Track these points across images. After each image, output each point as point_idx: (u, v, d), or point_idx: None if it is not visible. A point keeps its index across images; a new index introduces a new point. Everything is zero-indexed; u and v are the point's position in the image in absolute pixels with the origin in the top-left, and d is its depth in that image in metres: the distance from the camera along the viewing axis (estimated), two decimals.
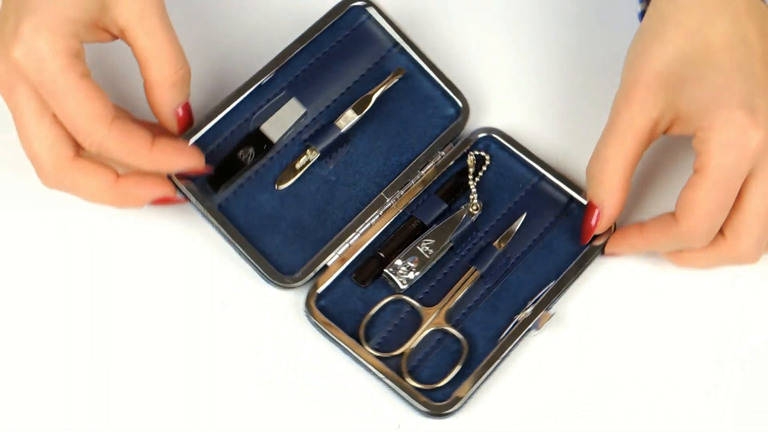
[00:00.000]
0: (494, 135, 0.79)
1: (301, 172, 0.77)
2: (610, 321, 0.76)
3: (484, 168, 0.79)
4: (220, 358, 0.73)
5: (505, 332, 0.74)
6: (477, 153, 0.79)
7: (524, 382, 0.74)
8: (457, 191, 0.78)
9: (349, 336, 0.73)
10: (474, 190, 0.78)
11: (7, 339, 0.73)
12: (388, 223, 0.76)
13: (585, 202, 0.78)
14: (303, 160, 0.77)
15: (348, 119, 0.78)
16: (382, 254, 0.75)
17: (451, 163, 0.78)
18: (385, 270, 0.75)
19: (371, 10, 0.80)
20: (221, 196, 0.75)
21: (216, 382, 0.73)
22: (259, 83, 0.77)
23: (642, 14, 0.77)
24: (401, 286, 0.74)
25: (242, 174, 0.76)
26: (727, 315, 0.77)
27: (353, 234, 0.75)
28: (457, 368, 0.73)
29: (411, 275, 0.74)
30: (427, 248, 0.75)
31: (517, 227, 0.77)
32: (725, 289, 0.77)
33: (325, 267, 0.74)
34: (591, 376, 0.75)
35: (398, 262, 0.74)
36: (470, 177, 0.78)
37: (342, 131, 0.77)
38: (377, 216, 0.76)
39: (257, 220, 0.75)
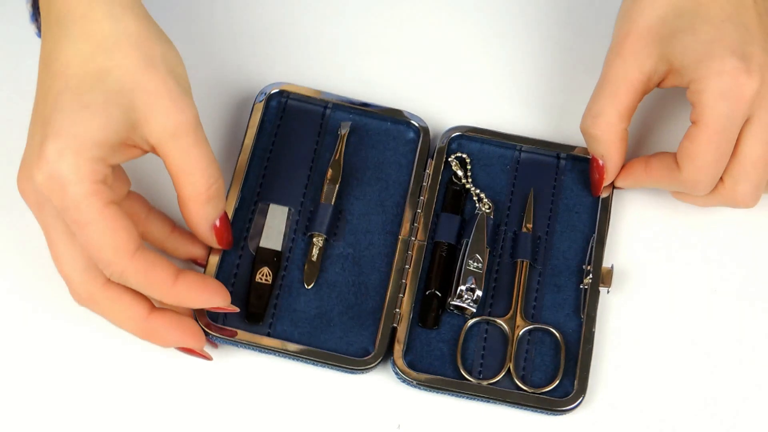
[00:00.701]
0: (459, 133, 0.80)
1: (319, 261, 0.76)
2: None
3: (469, 166, 0.79)
4: None
5: (582, 304, 0.75)
6: (455, 156, 0.79)
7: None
8: (460, 198, 0.78)
9: (453, 378, 0.73)
10: (478, 190, 0.78)
11: None
12: (422, 259, 0.76)
13: (571, 154, 0.79)
14: (315, 250, 0.76)
15: (330, 192, 0.77)
16: (435, 291, 0.75)
17: (440, 176, 0.78)
18: (452, 303, 0.74)
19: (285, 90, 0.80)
20: (265, 324, 0.74)
21: None
22: (233, 208, 0.76)
23: None
24: (473, 309, 0.74)
25: (272, 294, 0.75)
26: None
27: (400, 286, 0.75)
28: (563, 358, 0.73)
29: (475, 295, 0.74)
30: (474, 263, 0.75)
31: (533, 204, 0.78)
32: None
33: (394, 329, 0.74)
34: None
35: (460, 288, 0.74)
36: (464, 180, 0.79)
37: (332, 205, 0.77)
38: (410, 258, 0.76)
39: (309, 325, 0.74)
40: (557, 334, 0.74)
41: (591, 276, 0.75)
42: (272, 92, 0.80)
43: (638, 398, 0.73)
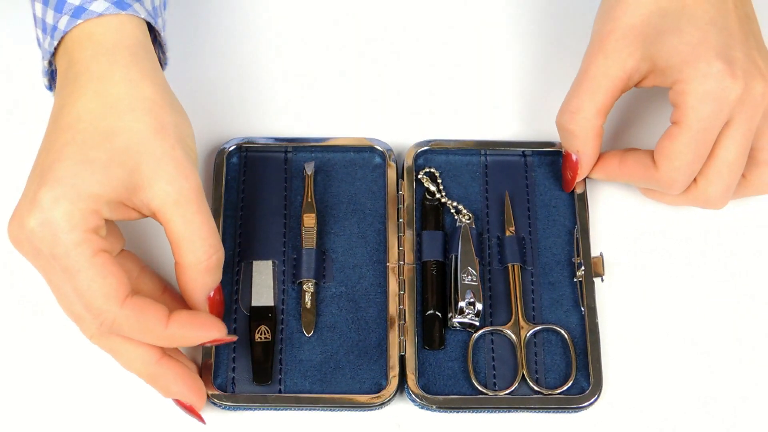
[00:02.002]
0: (423, 148, 0.80)
1: (314, 306, 0.76)
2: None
3: (439, 180, 0.79)
4: None
5: (580, 297, 0.75)
6: (424, 172, 0.79)
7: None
8: (438, 213, 0.78)
9: (471, 396, 0.73)
10: (454, 202, 0.78)
11: None
12: (414, 281, 0.76)
13: (536, 149, 0.80)
14: (307, 297, 0.76)
15: (310, 236, 0.77)
16: (434, 311, 0.75)
17: (414, 195, 0.78)
18: (455, 321, 0.74)
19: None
20: (275, 381, 0.74)
21: None
22: None
23: None
24: (476, 323, 0.74)
25: (274, 350, 0.75)
26: None
27: (399, 313, 0.75)
28: (573, 354, 0.74)
29: (476, 309, 0.74)
30: (468, 277, 0.75)
31: (510, 207, 0.78)
32: None
33: (403, 357, 0.74)
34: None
35: (460, 304, 0.74)
36: (438, 195, 0.79)
37: (315, 248, 0.76)
38: (403, 282, 0.76)
39: (318, 373, 0.74)
40: (562, 332, 0.75)
41: (583, 267, 0.76)
42: (230, 150, 0.79)
43: (649, 384, 0.74)
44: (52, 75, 0.74)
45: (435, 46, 0.85)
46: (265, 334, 0.75)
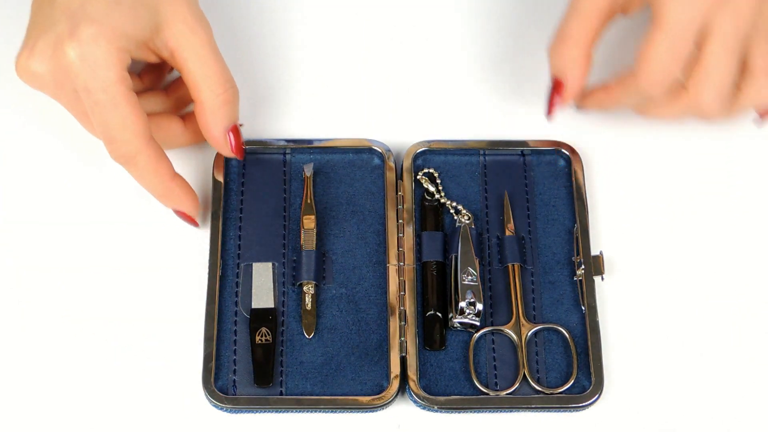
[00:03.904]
0: (422, 149, 0.80)
1: (315, 308, 0.76)
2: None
3: (438, 180, 0.79)
4: None
5: (580, 296, 0.75)
6: (423, 172, 0.79)
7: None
8: (437, 214, 0.78)
9: (472, 396, 0.73)
10: (453, 202, 0.78)
11: None
12: (415, 282, 0.76)
13: (536, 148, 0.80)
14: (308, 298, 0.76)
15: (309, 238, 0.77)
16: (435, 312, 0.75)
17: (413, 196, 0.78)
18: (455, 321, 0.75)
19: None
20: (276, 383, 0.74)
21: None
22: (218, 276, 0.76)
23: None
24: (476, 323, 0.74)
25: (275, 352, 0.75)
26: None
27: (399, 314, 0.75)
28: (574, 353, 0.74)
29: (477, 309, 0.74)
30: (469, 277, 0.75)
31: (509, 206, 0.78)
32: None
33: (404, 358, 0.74)
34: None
35: (461, 305, 0.74)
36: (437, 195, 0.79)
37: (315, 250, 0.77)
38: (403, 283, 0.76)
39: (319, 374, 0.74)
40: (563, 331, 0.75)
41: (583, 266, 0.76)
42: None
43: (650, 382, 0.74)
44: None
45: (433, 46, 0.85)
46: (265, 336, 0.75)
